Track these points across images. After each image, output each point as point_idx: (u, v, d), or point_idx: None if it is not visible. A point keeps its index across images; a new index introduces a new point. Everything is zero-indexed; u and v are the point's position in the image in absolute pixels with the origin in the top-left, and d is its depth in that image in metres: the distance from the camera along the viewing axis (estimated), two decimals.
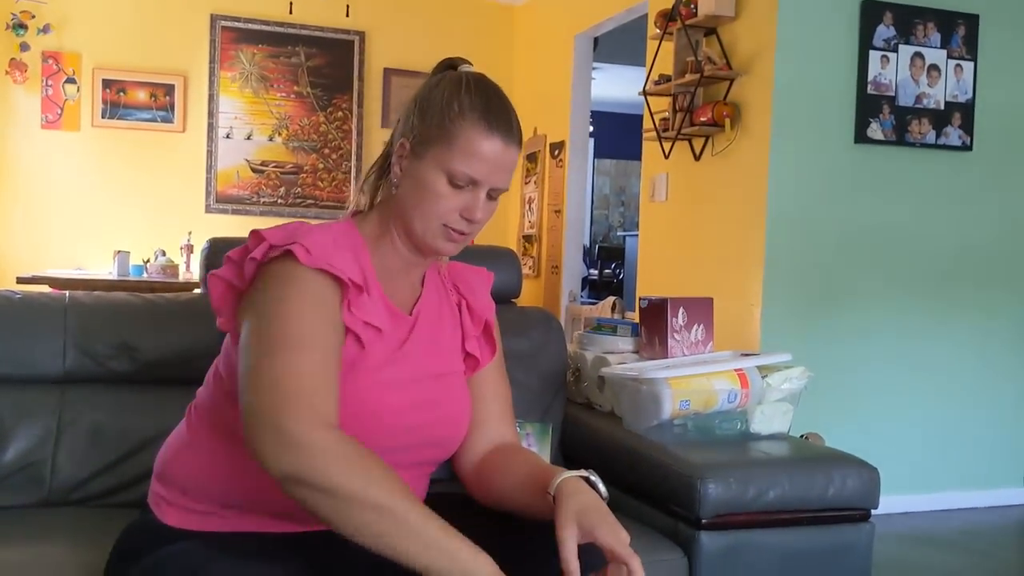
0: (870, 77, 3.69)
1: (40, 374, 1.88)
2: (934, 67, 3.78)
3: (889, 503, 2.43)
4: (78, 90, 5.70)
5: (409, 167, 1.32)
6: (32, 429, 1.85)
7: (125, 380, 1.94)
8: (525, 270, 5.80)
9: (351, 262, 1.29)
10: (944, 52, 3.80)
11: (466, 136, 1.29)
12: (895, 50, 3.72)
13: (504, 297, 2.23)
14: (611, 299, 4.79)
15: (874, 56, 3.69)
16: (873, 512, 1.94)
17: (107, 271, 5.20)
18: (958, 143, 3.84)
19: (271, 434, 1.11)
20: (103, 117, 5.74)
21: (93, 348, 1.91)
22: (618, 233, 10.81)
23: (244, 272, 1.28)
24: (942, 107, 3.80)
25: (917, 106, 3.76)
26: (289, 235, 1.26)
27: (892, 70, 3.72)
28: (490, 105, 1.32)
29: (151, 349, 1.93)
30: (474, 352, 1.48)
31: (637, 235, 4.95)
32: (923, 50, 3.76)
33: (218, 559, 1.19)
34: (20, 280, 4.56)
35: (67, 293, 1.99)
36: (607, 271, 10.07)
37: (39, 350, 1.88)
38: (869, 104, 3.69)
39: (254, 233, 1.28)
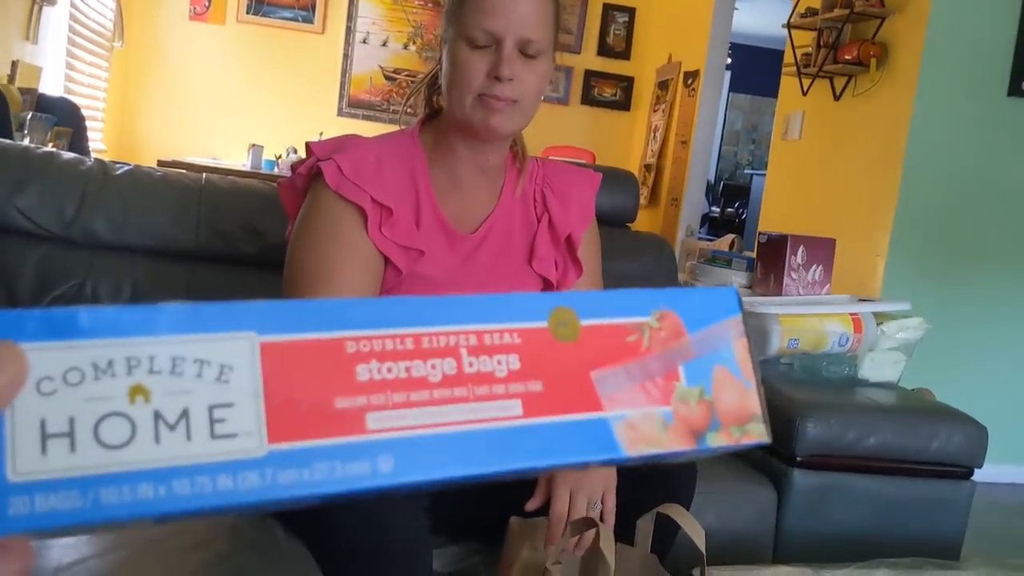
0: None
1: (174, 249, 1.99)
2: None
3: (995, 472, 2.36)
4: None
5: (444, 51, 1.31)
6: (163, 299, 1.96)
7: (250, 262, 2.03)
8: (640, 200, 5.73)
9: (392, 180, 1.28)
10: None
11: None
12: None
13: (619, 220, 2.23)
14: (730, 236, 4.68)
15: None
16: (976, 473, 1.90)
17: (241, 163, 5.39)
18: None
19: None
20: (248, 13, 5.87)
21: (223, 228, 2.00)
22: (745, 171, 10.54)
23: (299, 186, 1.32)
24: None
25: None
26: (334, 148, 1.28)
27: None
28: None
29: (277, 234, 2.00)
30: (544, 273, 1.38)
31: (765, 175, 4.83)
32: None
33: None
34: (161, 163, 4.76)
35: (204, 175, 2.08)
36: (729, 209, 9.85)
37: (175, 225, 1.98)
38: None
39: (307, 145, 1.31)
